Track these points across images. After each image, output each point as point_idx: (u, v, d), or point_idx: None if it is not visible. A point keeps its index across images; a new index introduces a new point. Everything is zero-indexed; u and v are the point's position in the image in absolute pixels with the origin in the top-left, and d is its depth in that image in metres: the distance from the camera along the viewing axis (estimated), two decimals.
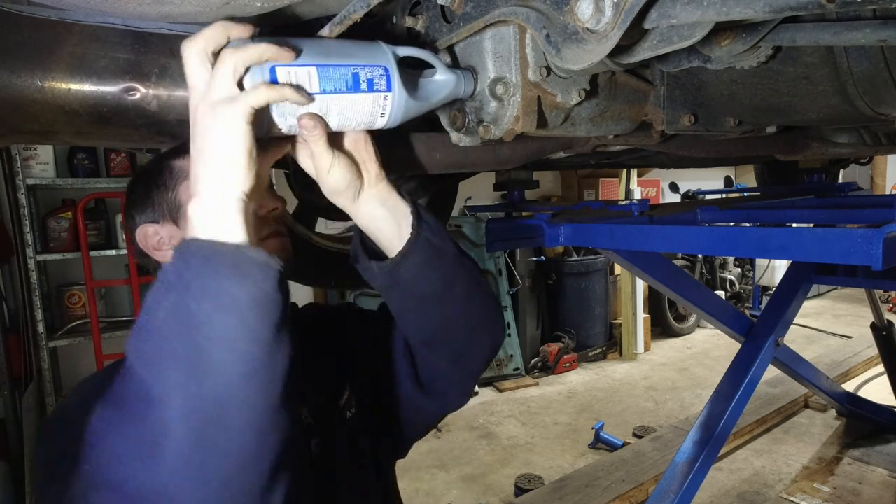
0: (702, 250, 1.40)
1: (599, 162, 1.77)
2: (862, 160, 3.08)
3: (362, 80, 0.64)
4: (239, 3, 0.67)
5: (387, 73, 0.66)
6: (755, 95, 0.91)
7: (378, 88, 0.65)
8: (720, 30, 0.71)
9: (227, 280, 0.50)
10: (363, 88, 0.64)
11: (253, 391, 0.51)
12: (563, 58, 0.61)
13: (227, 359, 0.49)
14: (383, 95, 0.65)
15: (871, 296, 3.27)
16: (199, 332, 0.49)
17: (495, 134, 0.75)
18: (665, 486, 2.07)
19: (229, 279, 0.50)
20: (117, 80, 0.82)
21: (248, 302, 0.50)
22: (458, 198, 2.45)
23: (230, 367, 0.49)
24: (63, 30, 0.78)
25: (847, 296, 7.20)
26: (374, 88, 0.65)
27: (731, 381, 2.23)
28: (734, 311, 2.55)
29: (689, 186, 6.57)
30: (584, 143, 1.13)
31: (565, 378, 4.83)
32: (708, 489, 2.89)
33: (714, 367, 4.89)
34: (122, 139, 0.91)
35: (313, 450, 0.84)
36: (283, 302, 0.54)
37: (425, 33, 0.78)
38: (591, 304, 5.24)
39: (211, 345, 0.49)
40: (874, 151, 2.02)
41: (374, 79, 0.65)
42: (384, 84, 0.65)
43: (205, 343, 0.49)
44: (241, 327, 0.50)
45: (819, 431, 3.51)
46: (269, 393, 0.52)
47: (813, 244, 1.14)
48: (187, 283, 0.50)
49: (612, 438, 3.51)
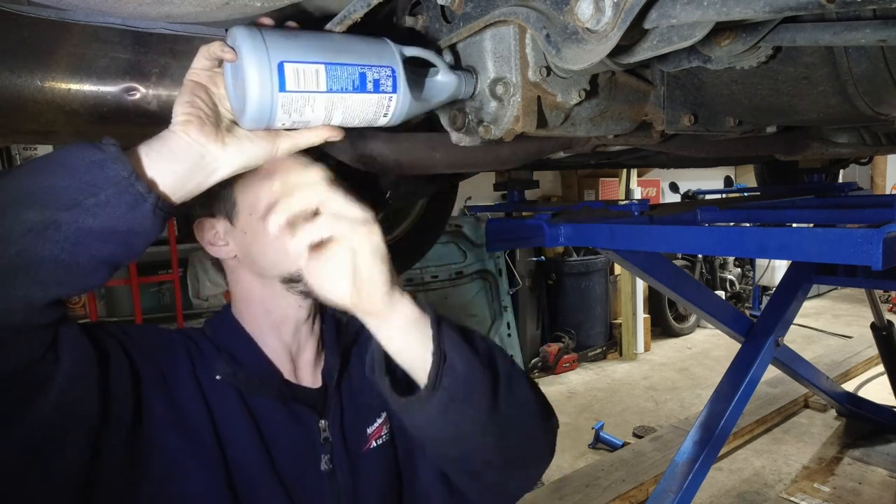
0: (702, 250, 1.41)
1: (599, 162, 1.77)
2: (862, 160, 3.09)
3: (369, 80, 0.64)
4: (239, 3, 0.67)
5: (393, 75, 0.66)
6: (755, 95, 0.91)
7: (384, 90, 0.65)
8: (720, 30, 0.70)
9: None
10: (369, 89, 0.64)
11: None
12: (563, 58, 0.61)
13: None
14: (388, 97, 0.65)
15: (871, 296, 3.27)
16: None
17: (495, 134, 0.75)
18: (665, 486, 2.07)
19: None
20: (117, 80, 0.82)
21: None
22: (458, 198, 2.45)
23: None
24: (63, 30, 0.78)
25: (847, 296, 7.20)
26: (379, 89, 0.65)
27: (731, 381, 2.23)
28: (734, 311, 2.55)
29: (689, 186, 6.56)
30: (584, 143, 1.13)
31: (565, 378, 4.83)
32: (708, 489, 2.89)
33: (714, 367, 4.88)
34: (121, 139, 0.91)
35: (322, 467, 0.81)
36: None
37: (425, 33, 0.78)
38: (591, 304, 5.24)
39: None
40: (874, 151, 2.02)
41: (380, 80, 0.65)
42: (390, 85, 0.65)
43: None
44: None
45: (819, 431, 3.51)
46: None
47: (813, 244, 1.14)
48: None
49: (612, 438, 3.51)
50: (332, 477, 0.81)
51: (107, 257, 0.58)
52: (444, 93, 0.72)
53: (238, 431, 0.77)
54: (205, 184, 0.62)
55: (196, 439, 0.73)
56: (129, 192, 0.56)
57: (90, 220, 0.54)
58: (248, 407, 0.78)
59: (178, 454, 0.72)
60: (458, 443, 0.71)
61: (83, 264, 0.56)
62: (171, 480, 0.71)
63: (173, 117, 0.60)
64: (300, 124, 0.63)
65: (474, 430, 0.69)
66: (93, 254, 0.56)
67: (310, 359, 0.87)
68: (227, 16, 0.70)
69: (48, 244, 0.53)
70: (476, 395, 0.67)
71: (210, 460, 0.74)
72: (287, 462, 0.79)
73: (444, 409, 0.65)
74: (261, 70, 0.57)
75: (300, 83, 0.60)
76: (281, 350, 0.84)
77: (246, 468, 0.76)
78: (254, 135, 0.64)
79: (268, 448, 0.78)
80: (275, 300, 0.82)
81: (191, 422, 0.74)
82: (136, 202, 0.56)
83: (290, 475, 0.78)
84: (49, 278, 0.55)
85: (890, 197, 2.35)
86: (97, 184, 0.55)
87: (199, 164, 0.60)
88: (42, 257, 0.53)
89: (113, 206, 0.55)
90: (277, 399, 0.80)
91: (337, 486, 0.81)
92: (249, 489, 0.75)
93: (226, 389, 0.78)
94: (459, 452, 0.73)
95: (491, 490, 0.80)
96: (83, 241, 0.55)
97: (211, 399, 0.76)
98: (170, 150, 0.59)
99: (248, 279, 0.83)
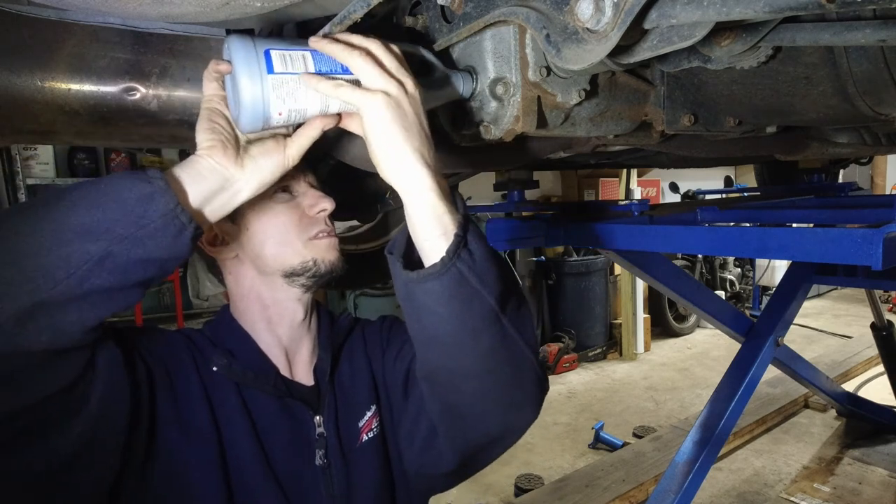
0: (702, 250, 1.41)
1: (599, 162, 1.77)
2: (862, 160, 3.09)
3: None
4: (239, 3, 0.67)
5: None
6: (755, 95, 0.91)
7: None
8: (720, 30, 0.70)
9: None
10: None
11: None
12: (563, 58, 0.61)
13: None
14: None
15: (871, 296, 3.27)
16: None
17: (495, 134, 0.75)
18: (665, 486, 2.07)
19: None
20: (117, 80, 0.82)
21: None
22: None
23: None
24: (63, 30, 0.78)
25: (847, 296, 7.20)
26: None
27: (731, 381, 2.23)
28: (734, 311, 2.55)
29: (689, 186, 6.57)
30: (584, 143, 1.13)
31: (565, 378, 4.83)
32: (708, 489, 2.89)
33: (714, 367, 4.88)
34: (122, 139, 0.91)
35: (317, 462, 0.82)
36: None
37: (425, 33, 0.78)
38: (591, 304, 5.24)
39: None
40: (874, 151, 2.02)
41: None
42: None
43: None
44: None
45: (819, 431, 3.51)
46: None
47: (813, 244, 1.14)
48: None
49: (612, 438, 3.51)
50: (326, 472, 0.82)
51: (146, 280, 0.61)
52: (442, 91, 0.72)
53: (237, 428, 0.77)
54: (229, 205, 0.66)
55: (198, 436, 0.74)
56: (175, 224, 0.59)
57: (140, 251, 0.58)
58: (245, 402, 0.79)
59: (180, 451, 0.73)
60: (451, 345, 0.67)
61: (127, 289, 0.60)
62: (176, 479, 0.72)
63: (198, 144, 0.64)
64: (297, 114, 0.63)
65: (473, 333, 0.65)
66: (137, 279, 0.60)
67: (306, 357, 0.88)
68: (227, 16, 0.70)
69: (104, 273, 0.57)
70: (486, 289, 0.64)
71: (211, 458, 0.74)
72: (282, 457, 0.80)
73: (451, 292, 0.62)
74: (248, 57, 0.59)
75: (287, 66, 0.61)
76: (277, 347, 0.85)
77: (242, 463, 0.76)
78: (264, 149, 0.67)
79: (263, 444, 0.78)
80: (274, 296, 0.83)
81: (193, 419, 0.75)
82: (180, 231, 0.60)
83: (286, 470, 0.79)
84: (99, 303, 0.58)
85: (890, 197, 2.36)
86: (147, 216, 0.58)
87: (225, 186, 0.65)
88: (97, 285, 0.57)
89: (160, 236, 0.59)
90: (272, 394, 0.81)
91: (331, 481, 0.82)
92: (245, 484, 0.76)
93: (225, 385, 0.79)
94: (448, 357, 0.69)
95: (464, 428, 0.77)
96: (132, 269, 0.59)
97: (212, 395, 0.77)
98: (199, 175, 0.63)
99: (249, 277, 0.84)
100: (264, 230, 0.81)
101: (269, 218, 0.81)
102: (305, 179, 0.85)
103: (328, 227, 0.84)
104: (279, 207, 0.81)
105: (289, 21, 0.85)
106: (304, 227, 0.82)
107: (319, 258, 0.82)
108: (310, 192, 0.85)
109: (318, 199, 0.83)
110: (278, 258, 0.81)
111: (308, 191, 0.85)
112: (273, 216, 0.81)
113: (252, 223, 0.81)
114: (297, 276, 0.82)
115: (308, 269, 0.81)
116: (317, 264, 0.82)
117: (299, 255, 0.81)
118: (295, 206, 0.83)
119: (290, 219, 0.82)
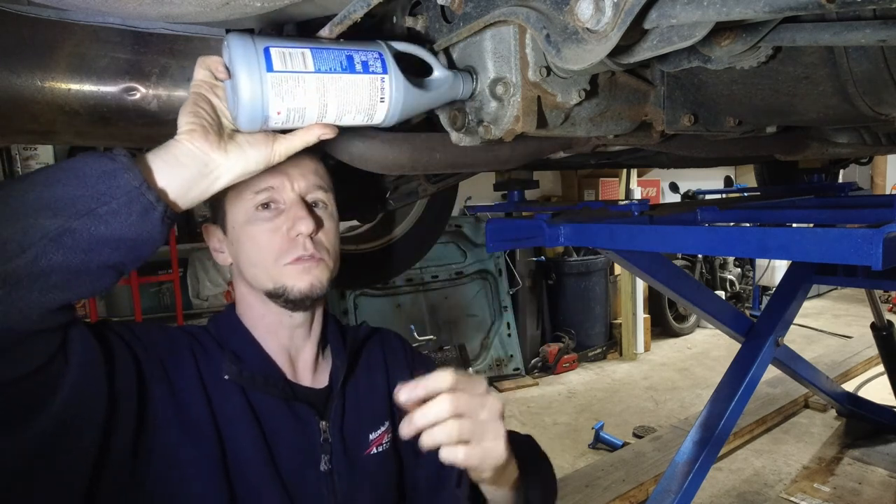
0: (702, 250, 1.40)
1: (599, 162, 1.77)
2: (862, 160, 3.09)
3: (357, 62, 0.65)
4: (239, 3, 0.67)
5: (381, 57, 0.66)
6: (755, 95, 0.91)
7: (374, 70, 0.65)
8: (720, 30, 0.70)
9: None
10: (358, 69, 0.65)
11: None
12: (563, 58, 0.61)
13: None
14: (380, 77, 0.66)
15: (871, 296, 3.27)
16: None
17: (495, 134, 0.75)
18: (665, 486, 2.07)
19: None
20: (117, 80, 0.82)
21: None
22: (458, 198, 2.45)
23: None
24: (63, 30, 0.78)
25: (847, 296, 7.20)
26: (369, 70, 0.65)
27: (731, 382, 2.23)
28: (734, 311, 2.55)
29: (689, 186, 6.56)
30: (584, 143, 1.13)
31: (565, 378, 4.83)
32: (708, 489, 2.89)
33: (714, 367, 4.88)
34: (122, 139, 0.91)
35: (322, 467, 0.81)
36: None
37: (425, 33, 0.78)
38: (591, 304, 5.24)
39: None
40: (874, 151, 2.02)
41: (368, 61, 0.65)
42: (379, 66, 0.66)
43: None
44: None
45: (819, 431, 3.51)
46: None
47: (813, 244, 1.14)
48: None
49: (612, 438, 3.51)
50: (330, 478, 0.82)
51: (115, 263, 0.60)
52: (441, 90, 0.72)
53: (240, 429, 0.77)
54: (208, 191, 0.65)
55: (196, 436, 0.74)
56: (140, 202, 0.58)
57: (102, 228, 0.56)
58: (251, 405, 0.79)
59: (178, 450, 0.72)
60: None
61: (93, 270, 0.58)
62: (171, 476, 0.71)
63: (178, 128, 0.63)
64: (296, 114, 0.63)
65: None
66: (103, 260, 0.58)
67: (308, 360, 0.87)
68: (227, 16, 0.70)
69: (62, 250, 0.55)
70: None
71: (209, 456, 0.74)
72: (287, 461, 0.79)
73: None
74: (247, 55, 0.59)
75: (287, 64, 0.61)
76: (280, 351, 0.84)
77: (246, 465, 0.76)
78: (253, 139, 0.66)
79: (270, 446, 0.78)
80: (265, 307, 0.83)
81: (192, 418, 0.74)
82: (147, 210, 0.58)
83: (290, 474, 0.79)
84: (61, 283, 0.56)
85: (890, 197, 2.36)
86: (109, 193, 0.57)
87: (203, 171, 0.63)
88: (56, 263, 0.55)
89: (124, 214, 0.57)
90: (281, 397, 0.81)
91: (334, 488, 0.82)
92: (248, 486, 0.75)
93: (229, 387, 0.78)
94: None
95: None
96: (95, 248, 0.57)
97: (214, 396, 0.77)
98: (175, 159, 0.61)
99: (242, 285, 0.85)
100: (246, 249, 0.81)
101: (248, 238, 0.80)
102: (294, 188, 0.81)
103: (306, 252, 0.79)
104: (259, 227, 0.79)
105: (289, 21, 0.85)
106: (282, 250, 0.79)
107: (289, 285, 0.79)
108: (293, 210, 0.80)
109: (296, 220, 0.79)
110: (255, 279, 0.81)
111: (292, 207, 0.80)
112: (252, 236, 0.80)
113: (239, 238, 0.81)
114: (277, 297, 0.80)
115: (280, 293, 0.80)
116: (286, 291, 0.79)
117: (271, 280, 0.79)
118: (275, 227, 0.79)
119: (269, 241, 0.79)
